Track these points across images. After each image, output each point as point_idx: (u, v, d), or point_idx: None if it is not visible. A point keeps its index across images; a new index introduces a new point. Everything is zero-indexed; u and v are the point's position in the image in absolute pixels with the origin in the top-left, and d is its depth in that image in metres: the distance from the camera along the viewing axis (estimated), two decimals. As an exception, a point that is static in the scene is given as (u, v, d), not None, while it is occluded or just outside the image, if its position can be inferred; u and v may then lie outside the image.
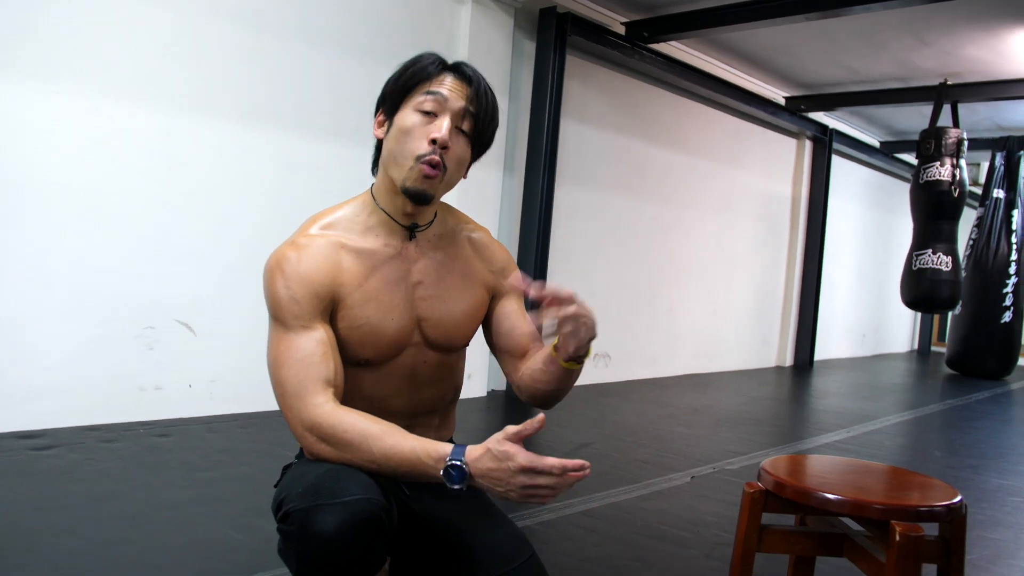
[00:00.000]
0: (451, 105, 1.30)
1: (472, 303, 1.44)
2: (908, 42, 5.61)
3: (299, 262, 1.29)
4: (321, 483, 1.14)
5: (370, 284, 1.32)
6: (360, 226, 1.35)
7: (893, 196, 9.65)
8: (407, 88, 1.33)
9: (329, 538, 1.08)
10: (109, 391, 3.30)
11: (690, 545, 2.41)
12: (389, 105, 1.35)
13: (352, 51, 3.98)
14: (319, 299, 1.28)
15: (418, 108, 1.30)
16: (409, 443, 1.18)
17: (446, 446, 1.17)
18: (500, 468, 1.12)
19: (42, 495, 2.39)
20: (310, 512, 1.10)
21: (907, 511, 1.23)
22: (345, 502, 1.10)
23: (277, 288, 1.28)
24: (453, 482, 1.15)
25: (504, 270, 1.50)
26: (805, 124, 7.48)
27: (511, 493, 1.13)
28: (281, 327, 1.28)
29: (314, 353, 1.25)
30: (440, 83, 1.31)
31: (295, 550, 1.13)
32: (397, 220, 1.36)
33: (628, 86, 5.80)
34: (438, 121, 1.29)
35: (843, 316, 8.99)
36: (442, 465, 1.15)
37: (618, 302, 5.87)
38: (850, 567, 2.23)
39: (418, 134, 1.29)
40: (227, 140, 3.59)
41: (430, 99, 1.30)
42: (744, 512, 1.37)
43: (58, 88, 3.09)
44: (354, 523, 1.09)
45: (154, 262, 3.40)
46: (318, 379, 1.23)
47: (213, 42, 3.50)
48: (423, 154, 1.28)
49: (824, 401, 5.86)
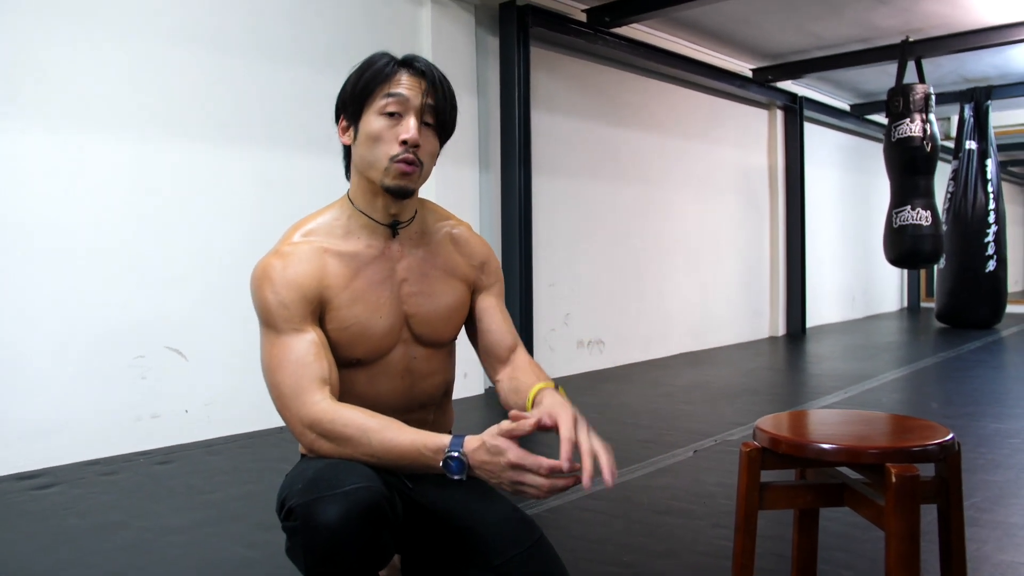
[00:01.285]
0: (413, 103, 1.32)
1: (455, 297, 1.46)
2: (867, 3, 5.65)
3: (285, 268, 1.31)
4: (321, 476, 1.16)
5: (356, 285, 1.35)
6: (341, 230, 1.37)
7: (868, 158, 9.72)
8: (366, 93, 1.34)
9: (333, 528, 1.09)
10: (106, 423, 3.28)
11: (697, 516, 2.43)
12: (351, 111, 1.37)
13: (315, 62, 3.97)
14: (307, 302, 1.30)
15: (382, 112, 1.32)
16: (408, 436, 1.20)
17: (445, 437, 1.19)
18: (492, 462, 1.15)
19: (47, 534, 2.38)
20: (312, 505, 1.12)
21: (901, 452, 1.25)
22: (346, 491, 1.12)
23: (266, 295, 1.31)
24: (453, 472, 1.17)
25: (484, 264, 1.52)
26: (774, 94, 7.52)
27: (504, 486, 1.17)
28: (273, 332, 1.30)
29: (308, 353, 1.27)
30: (397, 83, 1.33)
31: (301, 544, 1.14)
32: (378, 220, 1.38)
33: (595, 72, 5.82)
34: (404, 121, 1.31)
35: (831, 281, 9.04)
36: (441, 456, 1.17)
37: (607, 288, 5.89)
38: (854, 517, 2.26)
39: (387, 137, 1.32)
40: (200, 162, 3.58)
41: (392, 101, 1.31)
42: (743, 472, 1.38)
43: (27, 124, 3.08)
44: (356, 511, 1.11)
45: (139, 291, 3.39)
46: (314, 378, 1.25)
47: (177, 66, 3.49)
48: (396, 154, 1.31)
49: (820, 366, 5.90)
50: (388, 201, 1.37)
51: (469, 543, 1.37)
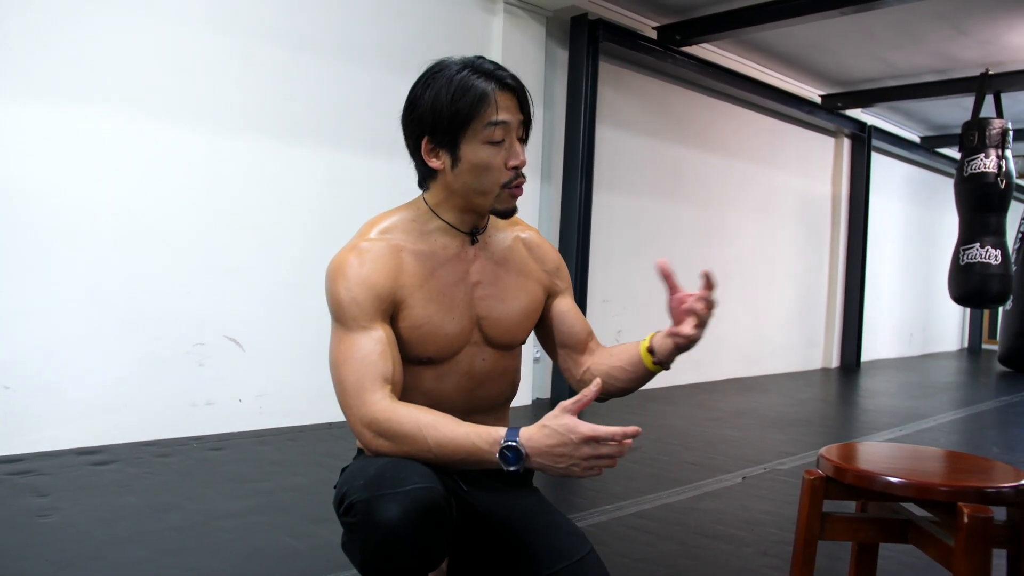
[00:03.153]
0: (513, 125, 1.32)
1: (529, 301, 1.48)
2: (946, 32, 5.52)
3: (360, 266, 1.32)
4: (382, 474, 1.16)
5: (431, 285, 1.36)
6: (417, 230, 1.38)
7: (936, 192, 9.47)
8: (467, 120, 1.29)
9: (392, 526, 1.10)
10: (162, 407, 3.37)
11: (746, 543, 2.38)
12: (444, 138, 1.31)
13: (388, 66, 4.03)
14: (380, 300, 1.31)
15: (488, 140, 1.30)
16: (463, 429, 1.19)
17: (500, 429, 1.18)
18: (563, 442, 1.12)
19: (104, 507, 2.44)
20: (373, 502, 1.12)
21: (974, 492, 1.21)
22: (407, 491, 1.12)
23: (339, 291, 1.31)
24: (509, 464, 1.14)
25: (558, 270, 1.55)
26: (843, 122, 7.39)
27: (574, 468, 1.13)
28: (342, 328, 1.31)
29: (373, 351, 1.27)
30: (500, 109, 1.30)
31: (359, 541, 1.15)
32: (460, 229, 1.40)
33: (662, 90, 5.79)
34: (511, 147, 1.32)
35: (889, 315, 8.82)
36: (497, 448, 1.15)
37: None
38: (914, 555, 2.20)
39: (497, 165, 1.32)
40: (271, 158, 3.66)
41: (499, 130, 1.30)
42: (805, 499, 1.35)
43: (106, 113, 3.19)
44: (416, 511, 1.11)
45: (202, 280, 3.47)
46: (376, 376, 1.26)
47: (255, 63, 3.58)
48: (508, 181, 1.33)
49: (874, 401, 5.76)
50: (475, 217, 1.40)
51: (518, 551, 1.37)
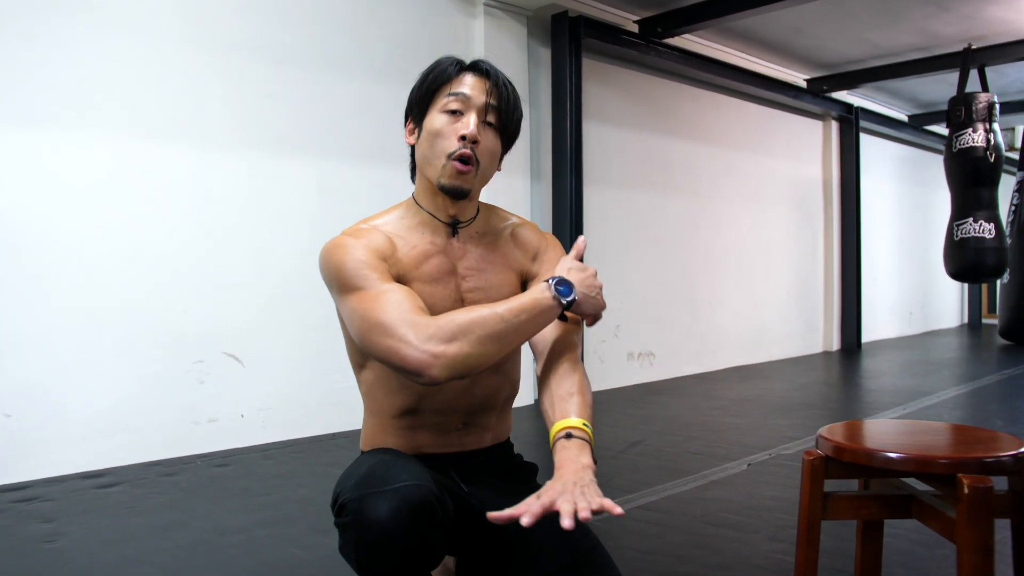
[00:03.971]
0: (475, 102, 1.36)
1: (510, 292, 1.45)
2: (927, 9, 5.53)
3: (357, 239, 1.34)
4: (372, 473, 1.17)
5: (423, 270, 1.37)
6: (406, 226, 1.40)
7: (927, 169, 9.48)
8: (431, 92, 1.39)
9: (382, 523, 1.11)
10: (165, 426, 3.37)
11: (753, 529, 2.39)
12: (416, 112, 1.42)
13: (372, 73, 4.04)
14: (385, 263, 1.32)
15: (444, 109, 1.36)
16: (517, 298, 1.29)
17: (540, 283, 1.32)
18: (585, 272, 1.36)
19: (112, 529, 2.44)
20: (363, 500, 1.13)
21: (973, 463, 1.21)
22: (395, 488, 1.13)
23: (343, 260, 1.30)
24: (564, 296, 1.30)
25: (537, 253, 1.50)
26: (829, 105, 7.40)
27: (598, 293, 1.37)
28: (356, 291, 1.28)
29: (401, 292, 1.27)
30: (461, 83, 1.37)
31: (352, 540, 1.15)
32: (439, 219, 1.41)
33: (647, 83, 5.80)
34: (464, 118, 1.35)
35: (887, 295, 8.83)
36: (551, 290, 1.29)
37: (657, 299, 5.84)
38: (919, 530, 2.20)
39: (447, 132, 1.35)
40: (259, 171, 3.66)
41: (453, 99, 1.35)
42: (806, 480, 1.36)
43: (95, 136, 3.19)
44: (406, 508, 1.12)
45: (198, 297, 3.47)
46: (414, 307, 1.25)
47: (237, 76, 3.58)
48: (453, 151, 1.33)
49: (876, 381, 5.76)
50: (446, 201, 1.39)
51: (525, 548, 1.37)
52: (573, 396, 1.30)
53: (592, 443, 1.26)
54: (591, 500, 1.09)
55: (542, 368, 1.40)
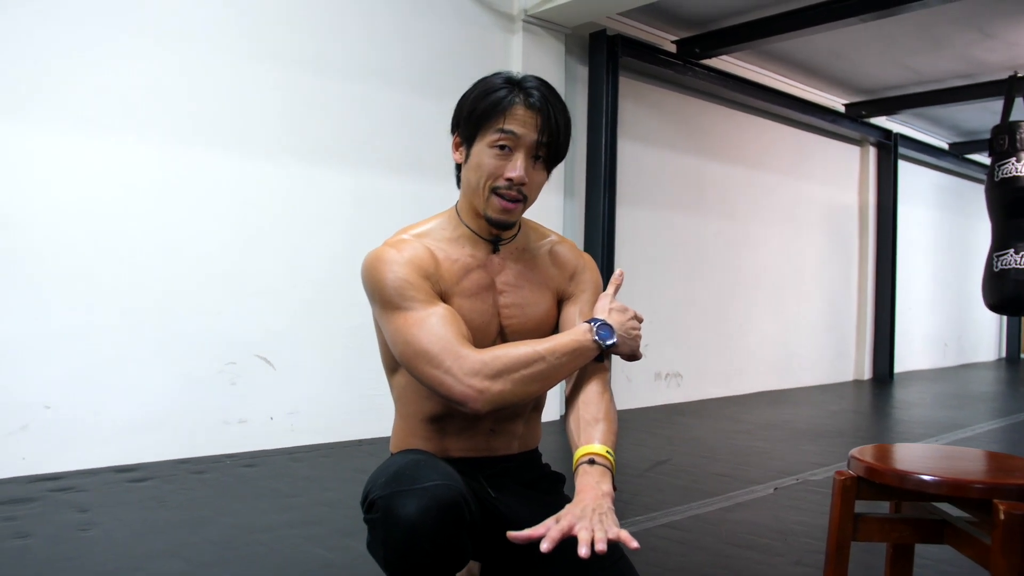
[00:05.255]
0: (525, 140, 1.32)
1: (546, 309, 1.47)
2: (971, 36, 5.48)
3: (401, 254, 1.33)
4: (403, 472, 1.19)
5: (461, 287, 1.38)
6: (447, 237, 1.41)
7: (967, 199, 9.35)
8: (481, 121, 1.33)
9: (411, 521, 1.12)
10: (196, 426, 3.42)
11: (779, 552, 2.36)
12: (465, 133, 1.37)
13: (412, 86, 4.10)
14: (429, 281, 1.33)
15: (492, 144, 1.32)
16: (559, 338, 1.32)
17: (582, 324, 1.36)
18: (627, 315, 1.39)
19: (143, 522, 2.49)
20: (392, 498, 1.15)
21: (1011, 489, 1.20)
22: (425, 487, 1.15)
23: (386, 278, 1.31)
24: (606, 339, 1.33)
25: (575, 274, 1.51)
26: (868, 130, 7.34)
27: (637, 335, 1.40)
28: (400, 311, 1.30)
29: (444, 317, 1.29)
30: (513, 118, 1.31)
31: (380, 536, 1.17)
32: (481, 236, 1.42)
33: (683, 103, 5.81)
34: (514, 159, 1.32)
35: (922, 325, 8.70)
36: (592, 333, 1.33)
37: (686, 321, 5.82)
38: (950, 561, 2.17)
39: (494, 169, 1.33)
40: (299, 180, 3.72)
41: (504, 137, 1.31)
42: (836, 500, 1.35)
43: (138, 139, 3.27)
44: (435, 507, 1.13)
45: (233, 300, 3.53)
46: (458, 335, 1.27)
47: (282, 85, 3.66)
48: (499, 187, 1.33)
49: (908, 412, 5.67)
50: (486, 223, 1.40)
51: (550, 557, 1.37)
52: (599, 422, 1.32)
53: (614, 471, 1.28)
54: (608, 529, 1.12)
55: (571, 388, 1.41)
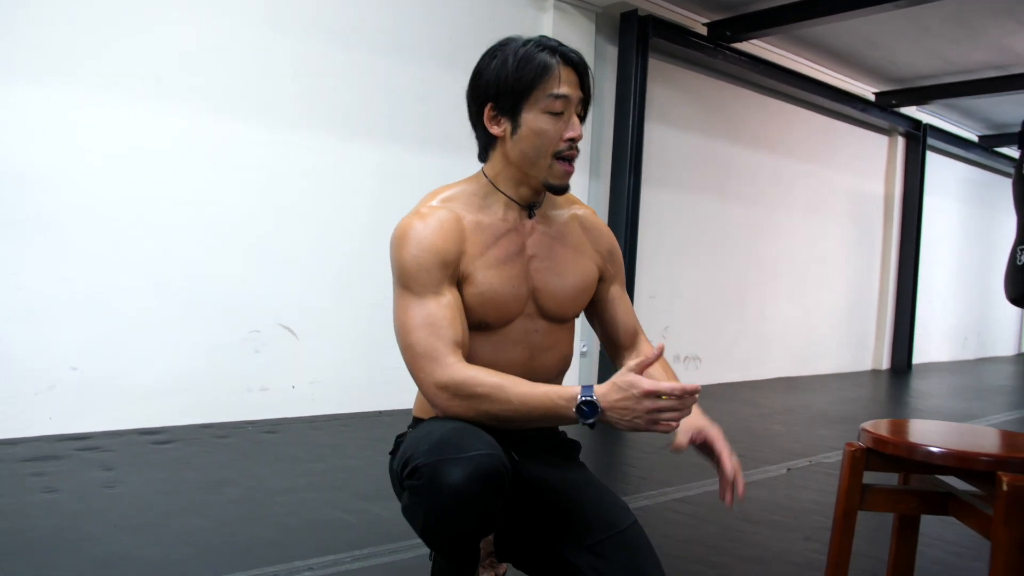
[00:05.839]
0: (573, 100, 1.36)
1: (583, 276, 1.49)
2: (1008, 26, 5.40)
3: (425, 229, 1.34)
4: (447, 440, 1.20)
5: (490, 254, 1.39)
6: (478, 202, 1.42)
7: (995, 193, 9.23)
8: (529, 89, 1.34)
9: (457, 490, 1.14)
10: (220, 391, 3.50)
11: (789, 528, 2.40)
12: (507, 104, 1.36)
13: (439, 62, 4.12)
14: (446, 266, 1.34)
15: (547, 110, 1.34)
16: (541, 388, 1.25)
17: (575, 388, 1.23)
18: (627, 396, 1.18)
19: (166, 481, 2.56)
20: (438, 466, 1.16)
21: (1015, 462, 1.22)
22: (471, 456, 1.16)
23: (405, 257, 1.34)
24: (586, 417, 1.21)
25: (611, 252, 1.55)
26: (897, 120, 7.27)
27: (638, 420, 1.18)
28: (409, 293, 1.33)
29: (443, 317, 1.31)
30: (562, 82, 1.34)
31: (424, 504, 1.19)
32: (516, 201, 1.43)
33: (712, 87, 5.78)
34: (567, 118, 1.35)
35: (943, 318, 8.63)
36: (574, 403, 1.21)
37: (707, 305, 5.82)
38: (956, 541, 2.20)
39: (553, 134, 1.34)
40: (326, 152, 3.77)
41: (558, 101, 1.33)
42: (845, 470, 1.38)
43: (170, 108, 3.33)
44: (480, 476, 1.15)
45: (259, 269, 3.59)
46: (448, 341, 1.29)
47: (309, 58, 3.70)
48: (562, 150, 1.35)
49: (925, 402, 5.66)
50: (531, 192, 1.42)
51: (565, 520, 1.41)
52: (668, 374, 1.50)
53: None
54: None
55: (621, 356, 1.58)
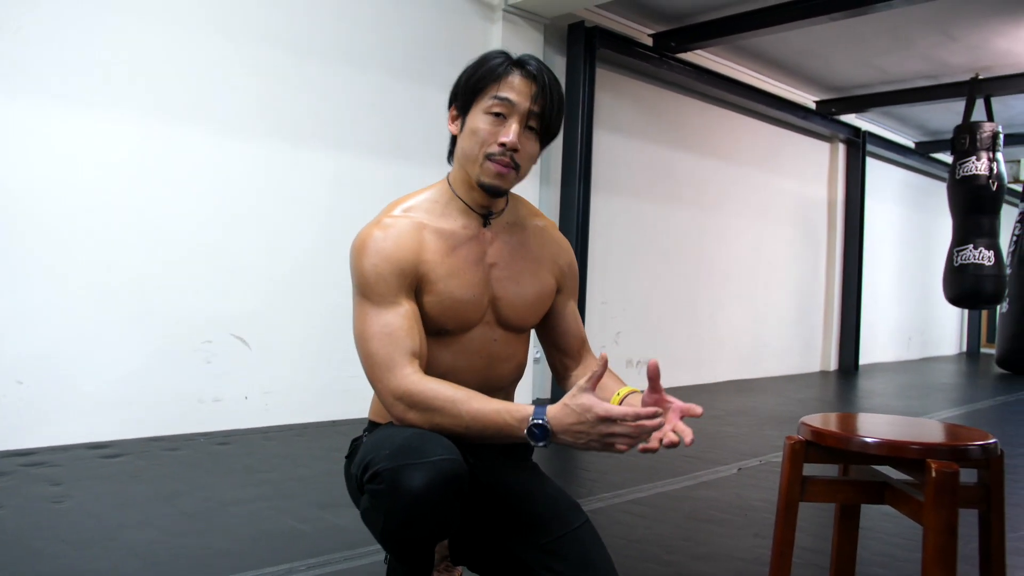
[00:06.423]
0: (519, 107, 1.35)
1: (542, 287, 1.51)
2: (936, 38, 5.63)
3: (385, 240, 1.36)
4: (409, 444, 1.22)
5: (450, 261, 1.40)
6: (439, 209, 1.43)
7: (932, 197, 9.57)
8: (477, 89, 1.37)
9: (418, 494, 1.16)
10: (170, 403, 3.44)
11: (738, 526, 2.46)
12: (461, 103, 1.41)
13: (391, 70, 4.13)
14: (404, 276, 1.35)
15: (487, 111, 1.36)
16: (493, 405, 1.25)
17: (528, 407, 1.23)
18: (580, 420, 1.18)
19: (116, 495, 2.52)
20: (400, 471, 1.18)
21: (943, 450, 1.29)
22: (432, 461, 1.17)
23: (364, 266, 1.35)
24: (536, 440, 1.21)
25: (569, 266, 1.58)
26: (837, 127, 7.49)
27: (593, 443, 1.19)
28: (368, 303, 1.35)
29: (400, 327, 1.32)
30: (507, 85, 1.36)
31: (384, 508, 1.20)
32: (473, 208, 1.44)
33: (659, 96, 5.89)
34: (507, 125, 1.35)
35: (887, 319, 8.90)
36: (526, 425, 1.21)
37: (658, 310, 5.92)
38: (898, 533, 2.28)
39: (488, 134, 1.36)
40: (278, 160, 3.75)
41: (498, 103, 1.35)
42: (786, 463, 1.43)
43: (116, 116, 3.28)
44: (440, 481, 1.17)
45: (210, 279, 3.55)
46: (405, 351, 1.31)
47: (262, 66, 3.68)
48: (493, 153, 1.36)
49: (871, 401, 5.82)
50: (482, 195, 1.42)
51: (518, 521, 1.43)
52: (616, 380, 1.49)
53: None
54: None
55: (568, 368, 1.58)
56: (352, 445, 1.50)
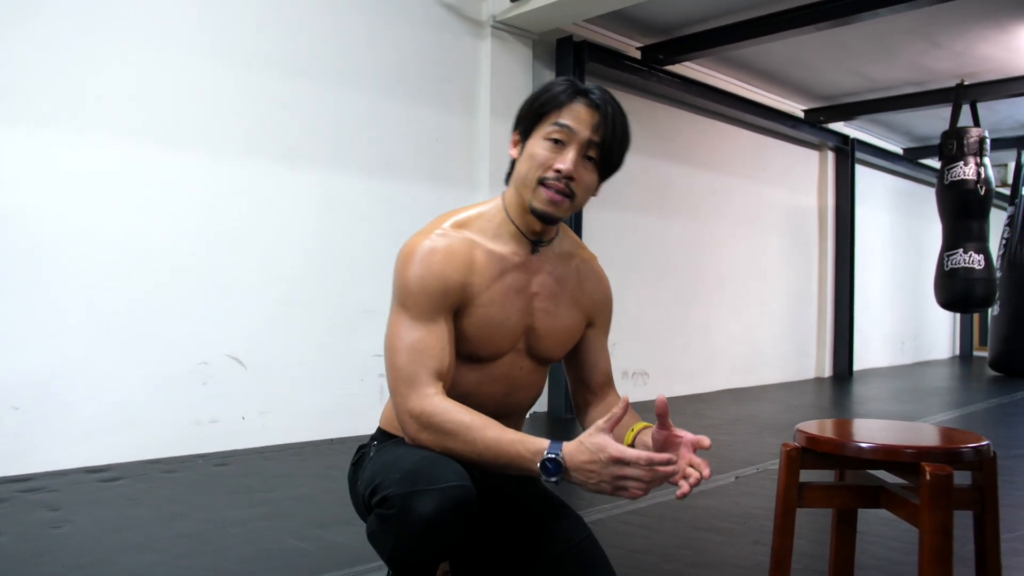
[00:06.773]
0: (579, 136, 1.34)
1: (575, 323, 1.51)
2: (921, 45, 5.69)
3: (434, 254, 1.34)
4: (420, 470, 1.22)
5: (497, 287, 1.39)
6: (492, 230, 1.42)
7: (921, 202, 9.63)
8: (539, 114, 1.37)
9: (429, 521, 1.16)
10: (168, 426, 3.44)
11: (737, 534, 2.47)
12: (523, 128, 1.40)
13: (381, 90, 4.16)
14: (448, 295, 1.34)
15: (547, 137, 1.35)
16: (508, 436, 1.24)
17: (543, 441, 1.22)
18: (593, 459, 1.17)
19: (115, 519, 2.52)
20: (410, 497, 1.18)
21: (937, 453, 1.31)
22: (442, 488, 1.18)
23: (409, 277, 1.33)
24: (550, 475, 1.19)
25: (604, 303, 1.58)
26: (826, 135, 7.55)
27: (604, 485, 1.18)
28: (405, 313, 1.33)
29: (432, 346, 1.31)
30: (569, 113, 1.35)
31: (393, 532, 1.21)
32: (524, 233, 1.43)
33: (648, 108, 5.94)
34: (565, 152, 1.34)
35: (880, 324, 8.94)
36: (539, 458, 1.20)
37: (653, 321, 5.94)
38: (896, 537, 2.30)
39: (545, 161, 1.34)
40: (269, 181, 3.77)
41: (557, 130, 1.34)
42: (783, 470, 1.45)
43: (108, 140, 3.30)
44: (451, 507, 1.17)
45: (205, 300, 3.56)
46: (431, 370, 1.30)
47: (251, 86, 3.70)
48: (547, 178, 1.34)
49: (866, 406, 5.84)
50: (533, 221, 1.40)
51: (522, 534, 1.44)
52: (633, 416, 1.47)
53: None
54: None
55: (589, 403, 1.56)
56: (358, 452, 1.50)
